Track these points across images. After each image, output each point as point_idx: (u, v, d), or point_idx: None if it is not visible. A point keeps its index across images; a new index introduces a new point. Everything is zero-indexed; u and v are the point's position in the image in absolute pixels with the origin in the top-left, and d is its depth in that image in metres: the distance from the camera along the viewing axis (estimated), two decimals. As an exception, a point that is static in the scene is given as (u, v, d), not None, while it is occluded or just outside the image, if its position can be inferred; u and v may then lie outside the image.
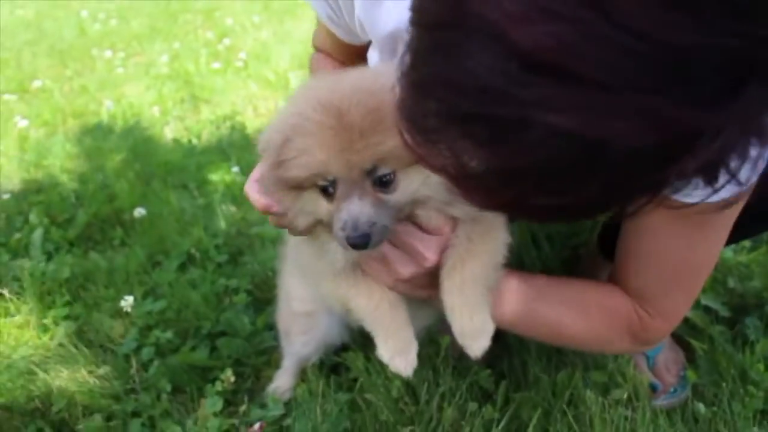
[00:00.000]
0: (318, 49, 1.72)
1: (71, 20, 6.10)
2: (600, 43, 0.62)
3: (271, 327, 1.96)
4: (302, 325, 1.67)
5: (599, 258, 1.95)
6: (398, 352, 1.23)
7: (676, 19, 0.61)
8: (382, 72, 1.04)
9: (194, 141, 3.33)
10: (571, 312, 1.41)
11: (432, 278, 1.21)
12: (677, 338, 1.96)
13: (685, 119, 0.64)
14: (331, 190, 1.04)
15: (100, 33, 5.61)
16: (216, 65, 4.56)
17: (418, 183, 1.05)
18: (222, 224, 2.53)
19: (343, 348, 1.83)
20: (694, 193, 0.89)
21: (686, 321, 1.97)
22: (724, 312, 1.99)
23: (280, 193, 1.09)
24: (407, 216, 1.11)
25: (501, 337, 1.96)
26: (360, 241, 1.01)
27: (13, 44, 5.36)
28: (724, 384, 1.70)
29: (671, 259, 1.32)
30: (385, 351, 1.24)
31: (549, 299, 1.42)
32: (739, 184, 0.75)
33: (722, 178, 0.74)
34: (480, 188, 0.81)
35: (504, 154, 0.71)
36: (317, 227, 1.14)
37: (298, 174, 1.03)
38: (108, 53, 5.00)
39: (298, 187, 1.06)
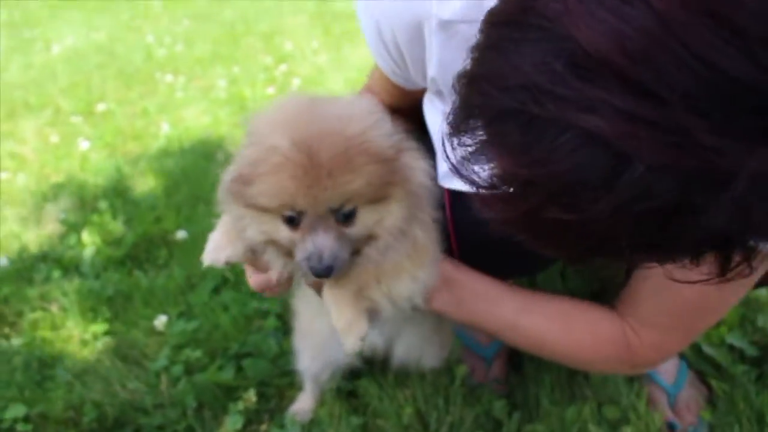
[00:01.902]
0: (369, 87, 1.71)
1: (140, 44, 6.37)
2: (666, 56, 0.61)
3: (296, 350, 2.04)
4: (308, 340, 1.74)
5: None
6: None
7: (733, 52, 0.60)
8: (355, 111, 1.13)
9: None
10: (554, 328, 1.44)
11: None
12: (699, 376, 1.94)
13: (717, 148, 0.62)
14: (296, 220, 1.12)
15: (165, 57, 5.84)
16: (271, 90, 4.70)
17: (374, 220, 1.15)
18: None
19: (358, 375, 1.88)
20: None
21: (708, 359, 1.95)
22: (751, 351, 1.95)
23: (237, 207, 1.17)
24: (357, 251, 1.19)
25: (518, 368, 1.98)
26: (324, 273, 1.10)
27: (85, 67, 5.63)
28: (737, 426, 1.68)
29: (689, 296, 1.31)
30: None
31: (534, 312, 1.45)
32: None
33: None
34: (497, 197, 0.81)
35: (528, 161, 0.70)
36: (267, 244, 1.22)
37: (267, 204, 1.11)
38: (170, 77, 5.20)
39: (261, 209, 1.15)
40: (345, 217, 1.11)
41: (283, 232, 1.15)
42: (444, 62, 1.29)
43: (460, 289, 1.44)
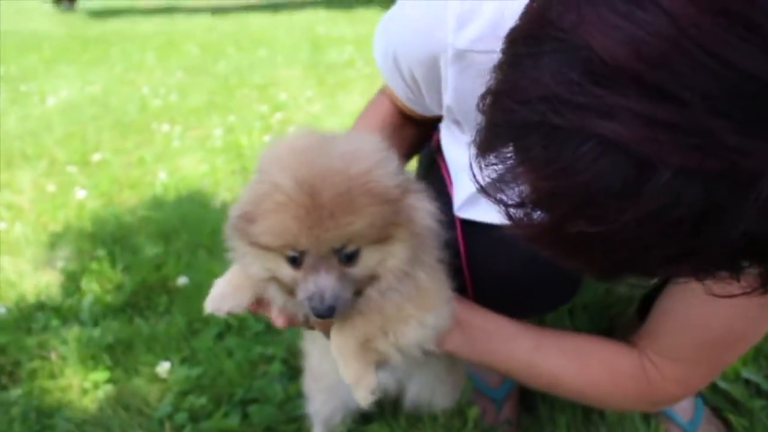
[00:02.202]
0: (385, 92, 1.66)
1: (135, 95, 6.41)
2: (681, 57, 0.61)
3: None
4: (321, 383, 1.70)
5: (636, 322, 1.93)
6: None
7: (749, 49, 0.60)
8: (361, 150, 1.12)
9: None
10: (570, 365, 1.40)
11: None
12: (715, 412, 1.90)
13: (740, 148, 0.61)
14: (298, 260, 1.11)
15: (160, 107, 5.87)
16: (267, 138, 4.71)
17: (376, 260, 1.13)
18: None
19: (369, 417, 1.84)
20: None
21: (724, 394, 1.92)
22: (767, 386, 1.92)
23: (242, 244, 1.17)
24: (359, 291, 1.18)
25: (531, 408, 1.94)
26: (326, 313, 1.09)
27: (80, 118, 5.65)
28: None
29: (715, 327, 1.29)
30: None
31: (548, 349, 1.41)
32: None
33: None
34: (523, 213, 0.81)
35: (551, 173, 0.70)
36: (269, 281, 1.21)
37: (269, 243, 1.11)
38: (166, 127, 5.22)
39: (264, 248, 1.14)
40: (347, 257, 1.10)
41: (286, 271, 1.14)
42: (460, 91, 1.29)
43: (473, 329, 1.41)
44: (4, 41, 10.71)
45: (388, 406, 1.85)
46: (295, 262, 1.11)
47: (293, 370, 2.17)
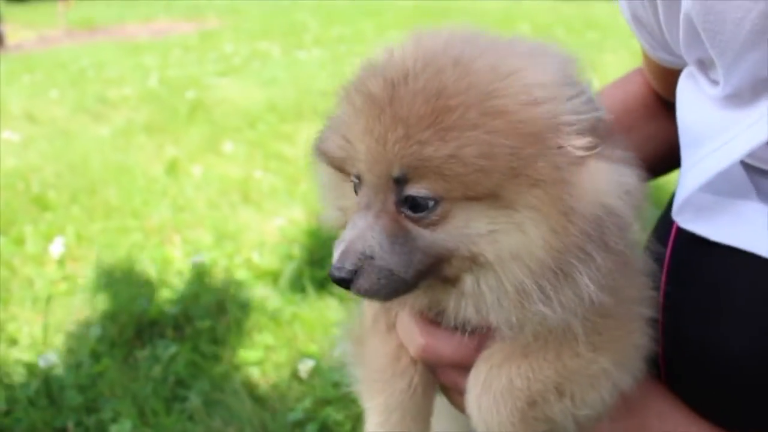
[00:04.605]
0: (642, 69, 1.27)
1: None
2: None
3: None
4: None
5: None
6: None
7: None
8: (508, 47, 0.71)
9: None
10: None
11: None
12: None
13: None
14: (356, 188, 0.73)
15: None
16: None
17: (480, 229, 0.68)
18: None
19: None
20: None
21: None
22: None
23: (321, 166, 0.81)
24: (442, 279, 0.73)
25: None
26: (339, 276, 0.68)
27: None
28: None
29: None
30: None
31: None
32: None
33: None
34: None
35: None
36: None
37: (330, 151, 0.74)
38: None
39: (338, 168, 0.77)
40: (416, 206, 0.68)
41: (351, 204, 0.77)
42: None
43: (649, 423, 0.85)
44: (347, 8, 11.40)
45: None
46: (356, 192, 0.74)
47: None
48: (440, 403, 0.89)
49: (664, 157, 1.22)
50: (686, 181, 0.87)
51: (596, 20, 9.16)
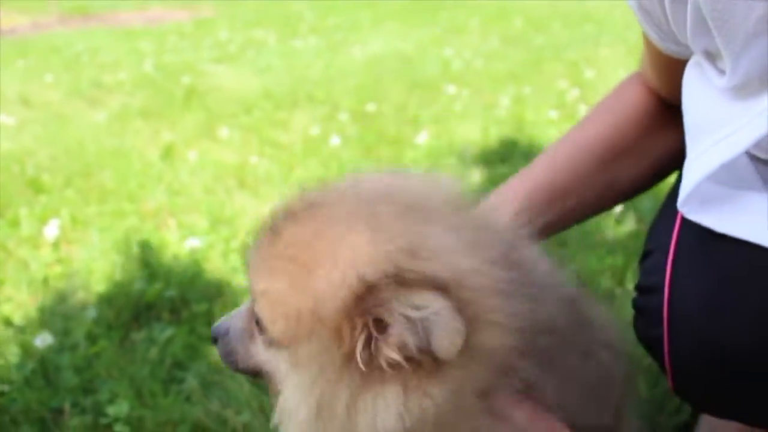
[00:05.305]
0: (640, 72, 1.29)
1: (440, 56, 6.25)
2: None
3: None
4: None
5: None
6: None
7: None
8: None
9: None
10: None
11: None
12: None
13: None
14: None
15: (459, 71, 5.61)
16: (553, 113, 4.15)
17: (272, 366, 0.82)
18: None
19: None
20: None
21: None
22: None
23: None
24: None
25: None
26: (212, 335, 0.92)
27: (378, 71, 5.61)
28: None
29: None
30: None
31: None
32: None
33: None
34: None
35: None
36: None
37: None
38: (452, 89, 4.92)
39: None
40: (258, 321, 0.82)
41: None
42: None
43: None
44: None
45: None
46: None
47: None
48: None
49: (662, 168, 1.23)
50: (691, 171, 0.86)
51: (592, 14, 9.11)
